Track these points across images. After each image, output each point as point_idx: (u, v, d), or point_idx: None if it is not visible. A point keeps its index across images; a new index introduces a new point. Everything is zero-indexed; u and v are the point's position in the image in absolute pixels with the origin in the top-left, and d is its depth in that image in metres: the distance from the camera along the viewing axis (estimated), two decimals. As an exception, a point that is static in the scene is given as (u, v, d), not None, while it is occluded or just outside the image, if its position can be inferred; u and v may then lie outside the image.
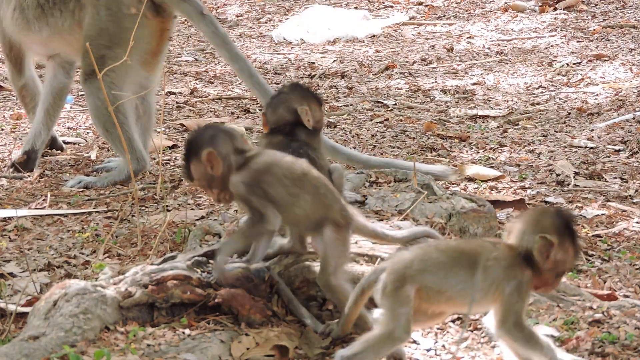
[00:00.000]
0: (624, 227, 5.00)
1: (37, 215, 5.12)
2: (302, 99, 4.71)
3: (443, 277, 3.24)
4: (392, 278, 3.22)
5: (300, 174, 3.58)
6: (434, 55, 9.70)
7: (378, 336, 3.21)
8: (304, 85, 4.39)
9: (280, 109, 4.67)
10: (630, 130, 6.95)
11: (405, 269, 3.24)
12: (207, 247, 3.84)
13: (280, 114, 4.63)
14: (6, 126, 7.11)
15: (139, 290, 3.56)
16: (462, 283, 3.24)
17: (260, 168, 3.58)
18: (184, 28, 11.20)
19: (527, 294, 3.30)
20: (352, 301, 3.35)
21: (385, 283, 3.23)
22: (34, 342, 3.29)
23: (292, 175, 3.58)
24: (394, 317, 3.21)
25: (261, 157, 3.62)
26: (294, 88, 4.80)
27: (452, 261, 3.26)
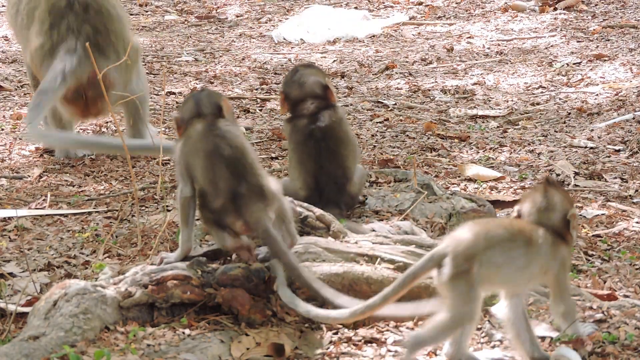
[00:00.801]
0: (624, 227, 5.00)
1: (37, 215, 5.12)
2: (323, 73, 4.77)
3: (507, 254, 3.29)
4: (459, 260, 3.23)
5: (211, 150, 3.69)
6: (434, 55, 9.70)
7: (449, 319, 3.23)
8: (315, 64, 4.38)
9: (309, 83, 4.70)
10: (630, 130, 6.95)
11: (471, 248, 3.26)
12: (207, 247, 3.84)
13: (309, 89, 4.66)
14: (6, 126, 7.11)
15: (139, 290, 3.56)
16: (520, 260, 3.30)
17: (185, 139, 3.83)
18: (184, 28, 11.20)
19: (569, 268, 3.45)
20: (398, 285, 3.28)
21: (452, 266, 3.23)
22: (34, 342, 3.29)
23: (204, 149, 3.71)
24: (463, 300, 3.22)
25: (193, 128, 3.81)
26: (310, 66, 4.83)
27: (513, 238, 3.31)
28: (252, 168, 3.68)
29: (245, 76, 8.91)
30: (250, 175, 3.66)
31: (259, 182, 3.67)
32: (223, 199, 3.64)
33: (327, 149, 4.61)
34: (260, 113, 7.67)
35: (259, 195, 3.64)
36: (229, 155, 3.66)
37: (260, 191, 3.65)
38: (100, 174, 6.04)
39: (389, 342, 3.54)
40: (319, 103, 4.66)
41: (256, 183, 3.66)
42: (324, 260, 3.76)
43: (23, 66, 9.14)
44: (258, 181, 3.67)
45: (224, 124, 3.77)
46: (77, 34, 5.90)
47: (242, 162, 3.67)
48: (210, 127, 3.76)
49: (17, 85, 8.47)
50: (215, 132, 3.73)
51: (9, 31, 10.67)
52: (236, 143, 3.71)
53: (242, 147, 3.71)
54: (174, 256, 3.74)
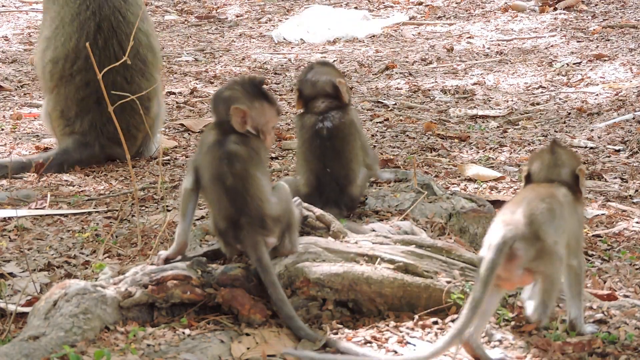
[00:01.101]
0: (624, 227, 5.00)
1: (37, 215, 5.12)
2: (338, 72, 4.78)
3: (555, 224, 3.39)
4: (530, 241, 3.31)
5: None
6: (434, 55, 9.70)
7: (551, 290, 3.37)
8: (331, 62, 4.37)
9: (321, 82, 4.71)
10: (630, 130, 6.95)
11: (530, 225, 3.34)
12: (207, 247, 3.84)
13: (321, 87, 4.68)
14: (6, 126, 7.11)
15: (139, 290, 3.56)
16: (559, 226, 3.41)
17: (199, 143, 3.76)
18: (184, 28, 11.21)
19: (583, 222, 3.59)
20: (483, 286, 3.26)
21: (526, 249, 3.30)
22: (34, 342, 3.29)
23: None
24: (555, 269, 3.37)
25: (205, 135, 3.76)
26: (326, 64, 4.84)
27: (552, 206, 3.42)
28: (253, 199, 3.61)
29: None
30: (251, 206, 3.60)
31: (260, 213, 3.61)
32: (224, 222, 3.63)
33: (333, 148, 4.61)
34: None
35: (259, 226, 3.60)
36: (230, 185, 3.62)
37: (261, 221, 3.60)
38: (100, 174, 6.04)
39: (389, 342, 3.55)
40: (329, 102, 4.67)
41: (256, 214, 3.60)
42: (324, 260, 3.76)
43: (23, 66, 9.14)
44: (259, 212, 3.60)
45: (236, 140, 3.67)
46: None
47: (243, 193, 3.60)
48: (219, 144, 3.65)
49: (17, 85, 8.47)
50: (222, 154, 3.64)
51: (9, 31, 10.67)
52: (240, 170, 3.62)
53: (245, 175, 3.62)
54: (168, 252, 3.73)
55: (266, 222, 3.61)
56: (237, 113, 3.66)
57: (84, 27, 6.04)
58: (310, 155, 4.64)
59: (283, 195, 3.71)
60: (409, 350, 3.46)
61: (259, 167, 3.66)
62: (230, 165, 3.60)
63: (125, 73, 6.03)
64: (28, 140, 6.78)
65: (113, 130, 6.02)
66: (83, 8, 6.13)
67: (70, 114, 6.14)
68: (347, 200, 4.65)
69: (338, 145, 4.62)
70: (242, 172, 3.61)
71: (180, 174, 5.98)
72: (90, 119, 6.13)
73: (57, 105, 6.17)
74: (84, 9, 6.13)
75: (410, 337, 3.58)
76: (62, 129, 6.19)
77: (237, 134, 3.66)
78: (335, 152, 4.62)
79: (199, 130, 7.08)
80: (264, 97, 3.73)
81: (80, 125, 6.13)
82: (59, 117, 6.18)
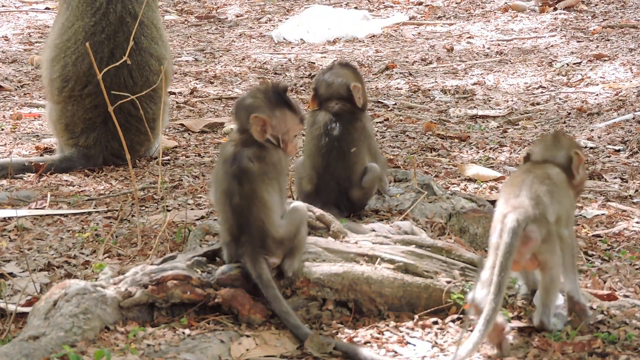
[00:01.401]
0: (624, 227, 5.00)
1: (37, 215, 5.12)
2: (355, 76, 4.78)
3: (553, 207, 3.47)
4: (540, 222, 3.38)
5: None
6: (434, 55, 9.70)
7: (551, 289, 3.45)
8: (353, 64, 4.35)
9: (335, 84, 4.72)
10: (630, 130, 6.95)
11: (538, 207, 3.40)
12: (207, 247, 3.84)
13: (335, 90, 4.69)
14: (6, 126, 7.11)
15: (139, 290, 3.55)
16: (555, 210, 3.48)
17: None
18: (184, 28, 11.20)
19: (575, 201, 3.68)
20: (505, 270, 3.31)
21: (539, 231, 3.38)
22: (34, 342, 3.29)
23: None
24: (556, 257, 3.45)
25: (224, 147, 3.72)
26: (346, 66, 4.85)
27: (551, 188, 3.50)
28: (256, 220, 3.57)
29: (245, 76, 8.92)
30: (253, 226, 3.57)
31: (262, 234, 3.57)
32: (227, 236, 3.63)
33: (339, 149, 4.62)
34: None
35: (259, 246, 3.57)
36: (236, 203, 3.58)
37: (262, 242, 3.57)
38: (100, 174, 6.04)
39: (389, 342, 3.54)
40: (343, 105, 4.68)
41: (257, 235, 3.57)
42: (324, 260, 3.76)
43: (23, 66, 9.14)
44: (261, 233, 3.57)
45: (251, 155, 3.61)
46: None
47: (246, 213, 3.56)
48: (233, 159, 3.61)
49: (17, 85, 8.47)
50: (234, 170, 3.59)
51: (9, 31, 10.67)
52: (248, 190, 3.58)
53: (252, 195, 3.57)
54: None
55: (267, 243, 3.58)
56: (256, 122, 3.61)
57: (97, 52, 5.95)
58: (316, 152, 4.65)
59: (296, 218, 3.65)
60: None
61: (272, 184, 3.61)
62: (240, 184, 3.56)
63: (133, 99, 6.01)
64: (28, 140, 6.78)
65: (118, 147, 6.05)
66: (98, 29, 6.08)
67: (76, 129, 6.14)
68: (347, 203, 4.65)
69: (344, 147, 4.63)
70: (250, 192, 3.56)
71: (180, 173, 5.98)
72: (96, 136, 6.13)
73: (62, 118, 6.16)
74: (99, 31, 6.08)
75: (410, 337, 3.58)
76: (66, 139, 6.19)
77: (256, 145, 3.61)
78: (340, 154, 4.62)
79: (199, 130, 7.08)
80: (287, 104, 3.66)
81: (85, 140, 6.13)
82: (64, 129, 6.17)
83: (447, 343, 3.56)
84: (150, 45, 6.14)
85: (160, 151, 5.86)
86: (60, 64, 6.09)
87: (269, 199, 3.59)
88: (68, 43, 6.09)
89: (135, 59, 6.07)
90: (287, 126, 3.65)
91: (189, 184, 5.74)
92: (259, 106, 3.63)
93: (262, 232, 3.57)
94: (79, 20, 6.10)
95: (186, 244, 4.30)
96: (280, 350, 3.43)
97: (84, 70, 6.02)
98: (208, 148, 6.65)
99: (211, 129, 7.14)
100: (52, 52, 6.15)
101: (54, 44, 6.16)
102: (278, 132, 3.63)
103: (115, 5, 6.11)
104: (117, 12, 6.08)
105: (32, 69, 8.98)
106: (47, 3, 11.97)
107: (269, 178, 3.60)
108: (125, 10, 6.08)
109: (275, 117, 3.63)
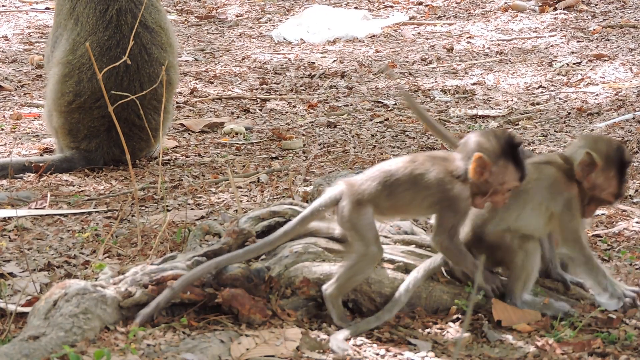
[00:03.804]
0: (624, 227, 5.00)
1: (37, 215, 5.12)
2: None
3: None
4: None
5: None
6: (434, 55, 9.70)
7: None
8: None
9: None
10: (630, 130, 6.95)
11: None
12: (207, 247, 3.84)
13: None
14: (6, 126, 7.11)
15: (139, 290, 3.56)
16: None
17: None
18: (184, 28, 11.21)
19: (577, 210, 3.62)
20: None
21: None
22: (34, 342, 3.29)
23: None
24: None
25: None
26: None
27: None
28: None
29: (245, 76, 8.91)
30: None
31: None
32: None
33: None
34: (260, 113, 7.67)
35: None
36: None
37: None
38: (100, 174, 6.04)
39: (389, 342, 3.55)
40: None
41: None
42: (324, 260, 3.76)
43: (23, 66, 9.14)
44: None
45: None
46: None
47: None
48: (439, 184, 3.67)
49: (17, 85, 8.47)
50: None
51: (9, 31, 10.68)
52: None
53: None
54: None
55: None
56: (479, 161, 3.58)
57: (113, 68, 5.80)
58: None
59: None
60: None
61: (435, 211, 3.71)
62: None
63: (138, 110, 5.98)
64: (28, 140, 6.78)
65: (119, 153, 6.06)
66: (113, 43, 6.06)
67: (79, 135, 6.13)
68: None
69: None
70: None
71: (180, 173, 5.99)
72: (98, 142, 6.13)
73: (65, 124, 6.14)
74: (114, 45, 6.06)
75: (410, 337, 3.58)
76: (67, 143, 6.17)
77: (462, 179, 3.60)
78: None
79: (199, 130, 7.08)
80: (514, 159, 3.59)
81: (87, 145, 6.13)
82: (66, 134, 6.16)
83: (447, 343, 3.56)
84: (161, 55, 6.12)
85: (160, 151, 5.86)
86: (74, 79, 6.06)
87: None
88: (82, 59, 6.04)
89: (147, 70, 6.07)
90: (505, 178, 3.59)
91: (189, 184, 5.74)
92: (488, 148, 3.59)
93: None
94: (92, 35, 6.05)
95: (186, 244, 4.30)
96: (280, 350, 3.43)
97: (99, 86, 5.97)
98: (208, 148, 6.65)
99: (211, 129, 7.14)
100: (65, 68, 6.09)
101: (66, 59, 6.09)
102: (494, 180, 3.59)
103: (125, 16, 6.08)
104: (129, 24, 6.06)
105: (32, 69, 8.98)
106: (47, 3, 11.96)
107: (441, 206, 3.62)
108: (136, 20, 6.04)
109: (498, 166, 3.59)
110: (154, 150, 6.32)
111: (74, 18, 6.13)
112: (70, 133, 6.14)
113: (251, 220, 3.96)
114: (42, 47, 9.67)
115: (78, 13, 6.12)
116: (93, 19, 6.07)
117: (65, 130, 6.15)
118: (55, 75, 6.14)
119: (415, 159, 3.65)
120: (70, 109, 6.09)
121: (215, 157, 6.42)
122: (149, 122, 5.96)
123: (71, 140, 6.15)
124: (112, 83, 5.96)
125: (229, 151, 6.58)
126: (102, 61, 5.93)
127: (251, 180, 5.80)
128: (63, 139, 6.19)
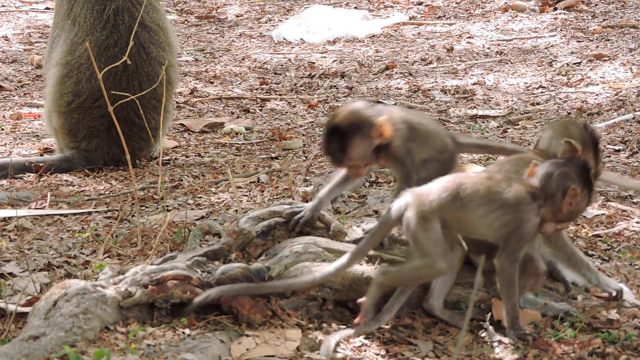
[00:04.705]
0: (624, 227, 4.99)
1: (37, 215, 5.12)
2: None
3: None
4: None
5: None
6: (434, 55, 9.70)
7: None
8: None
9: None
10: (630, 130, 6.95)
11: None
12: (207, 247, 3.84)
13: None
14: (6, 126, 7.11)
15: (139, 290, 3.56)
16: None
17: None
18: (184, 28, 11.21)
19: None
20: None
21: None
22: (34, 342, 3.29)
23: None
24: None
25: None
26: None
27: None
28: None
29: (245, 76, 8.92)
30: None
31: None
32: None
33: None
34: (260, 113, 7.67)
35: None
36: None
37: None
38: (100, 174, 6.04)
39: (389, 342, 3.55)
40: None
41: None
42: (324, 260, 3.76)
43: (23, 66, 9.14)
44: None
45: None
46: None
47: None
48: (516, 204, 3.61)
49: (17, 85, 8.47)
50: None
51: (9, 31, 10.68)
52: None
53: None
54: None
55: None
56: (572, 194, 3.57)
57: (112, 67, 5.76)
58: None
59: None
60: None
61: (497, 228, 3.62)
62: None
63: (138, 110, 5.97)
64: (28, 140, 6.78)
65: (119, 153, 6.06)
66: (111, 43, 6.06)
67: (79, 135, 6.13)
68: None
69: None
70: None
71: (180, 173, 5.99)
72: (98, 142, 6.13)
73: (65, 124, 6.14)
74: (111, 44, 6.06)
75: (410, 337, 3.58)
76: (67, 143, 6.18)
77: (540, 202, 3.57)
78: None
79: (199, 130, 7.08)
80: (591, 187, 3.64)
81: (87, 145, 6.13)
82: (66, 134, 6.16)
83: (448, 342, 3.56)
84: (159, 54, 6.12)
85: (160, 151, 5.86)
86: (73, 80, 6.06)
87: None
88: (81, 60, 6.05)
89: (145, 70, 6.06)
90: (582, 207, 3.63)
91: (189, 184, 5.74)
92: (575, 180, 3.59)
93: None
94: (90, 36, 6.06)
95: (186, 244, 4.30)
96: (280, 350, 3.43)
97: (98, 86, 5.97)
98: (208, 148, 6.65)
99: (211, 129, 7.14)
100: (63, 69, 6.09)
101: (64, 60, 6.09)
102: (575, 208, 3.60)
103: (123, 16, 6.08)
104: (126, 23, 6.06)
105: (32, 69, 8.98)
106: (47, 3, 11.96)
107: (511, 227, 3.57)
108: (133, 20, 6.04)
109: (582, 196, 3.61)
110: (154, 150, 6.32)
111: (71, 19, 6.13)
112: (70, 133, 6.15)
113: (251, 220, 3.96)
114: (42, 47, 9.68)
115: (75, 14, 6.12)
116: (90, 19, 6.07)
117: (65, 131, 6.15)
118: (54, 76, 6.14)
119: (493, 176, 3.62)
120: (69, 109, 6.09)
121: (215, 157, 6.42)
122: (149, 121, 5.96)
123: (71, 140, 6.15)
124: (111, 83, 5.96)
125: (229, 151, 6.58)
126: (100, 61, 5.92)
127: (251, 180, 5.80)
128: (63, 139, 6.19)
